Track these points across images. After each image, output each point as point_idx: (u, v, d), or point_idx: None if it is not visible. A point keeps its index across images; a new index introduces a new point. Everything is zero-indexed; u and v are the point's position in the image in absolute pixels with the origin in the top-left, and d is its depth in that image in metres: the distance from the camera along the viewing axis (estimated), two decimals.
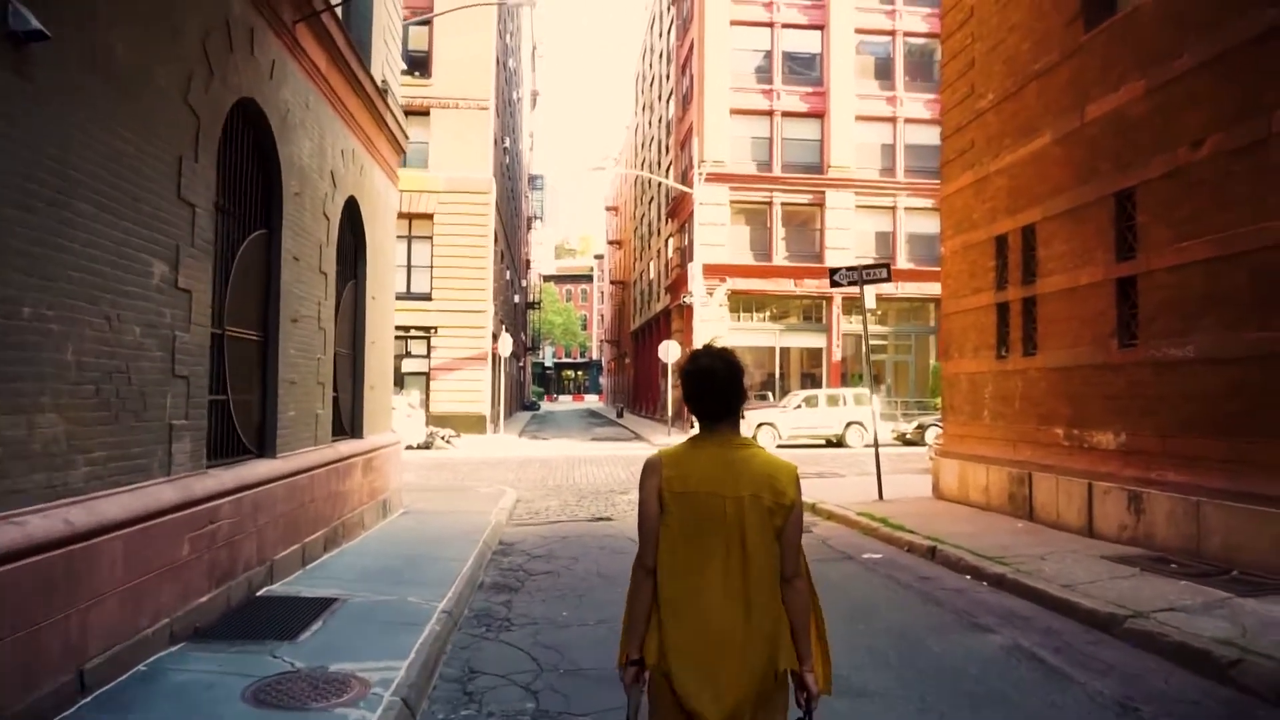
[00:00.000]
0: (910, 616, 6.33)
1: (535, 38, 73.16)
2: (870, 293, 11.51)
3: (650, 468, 2.54)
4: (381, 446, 9.98)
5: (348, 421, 9.26)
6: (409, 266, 29.76)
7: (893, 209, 32.69)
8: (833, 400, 25.84)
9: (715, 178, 30.56)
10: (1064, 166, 9.33)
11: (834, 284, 12.21)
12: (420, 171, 29.45)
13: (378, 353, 10.12)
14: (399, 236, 30.12)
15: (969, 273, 11.36)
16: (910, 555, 8.67)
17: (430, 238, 29.58)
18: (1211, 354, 7.24)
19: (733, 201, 31.88)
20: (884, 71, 33.34)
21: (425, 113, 29.79)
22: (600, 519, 11.42)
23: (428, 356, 29.35)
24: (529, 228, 67.84)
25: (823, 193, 32.12)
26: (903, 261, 32.30)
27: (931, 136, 33.62)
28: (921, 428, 25.22)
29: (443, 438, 25.62)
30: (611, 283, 71.60)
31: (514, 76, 47.14)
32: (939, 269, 12.59)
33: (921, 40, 33.43)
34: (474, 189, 29.68)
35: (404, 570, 7.40)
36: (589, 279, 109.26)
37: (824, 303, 32.21)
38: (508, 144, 39.57)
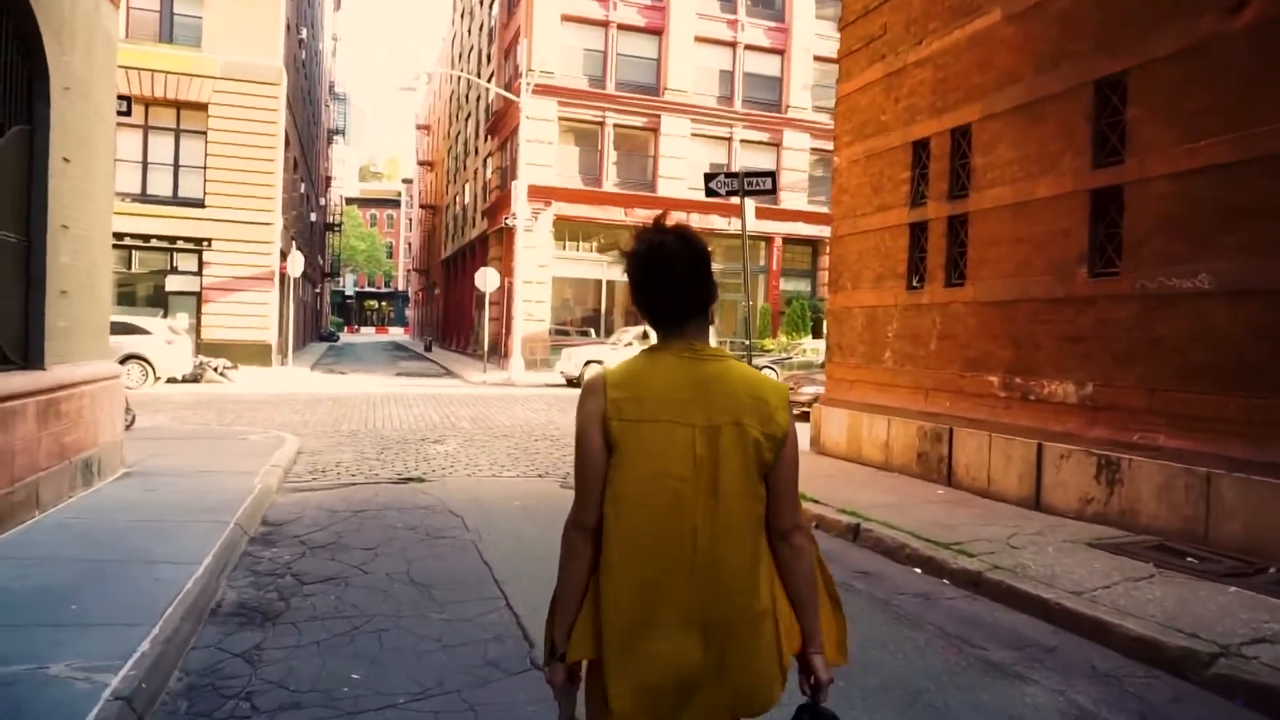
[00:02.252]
0: (884, 652, 4.26)
1: None
2: (751, 206, 9.33)
3: (590, 389, 1.80)
4: (80, 382, 6.75)
5: (11, 344, 6.01)
6: (175, 166, 24.84)
7: (729, 140, 31.05)
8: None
9: (543, 90, 27.53)
10: (1018, 51, 7.52)
11: (710, 192, 10.01)
12: (191, 51, 24.41)
13: (77, 244, 6.81)
14: (162, 128, 25.15)
15: (872, 187, 9.48)
16: (825, 536, 6.71)
17: (204, 133, 24.70)
18: (1234, 285, 5.64)
19: (561, 119, 29.01)
20: None
21: None
22: (409, 479, 8.75)
23: (199, 274, 24.72)
24: (329, 141, 61.41)
25: (658, 117, 29.92)
26: (735, 197, 30.86)
27: (772, 67, 32.32)
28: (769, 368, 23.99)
29: (216, 369, 21.54)
30: (421, 207, 66.51)
31: None
32: (772, 206, 10.59)
33: None
34: (260, 78, 24.97)
35: (76, 591, 4.42)
36: (396, 204, 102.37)
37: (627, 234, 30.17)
38: (304, 35, 34.34)
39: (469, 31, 45.54)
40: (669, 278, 1.75)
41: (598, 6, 29.42)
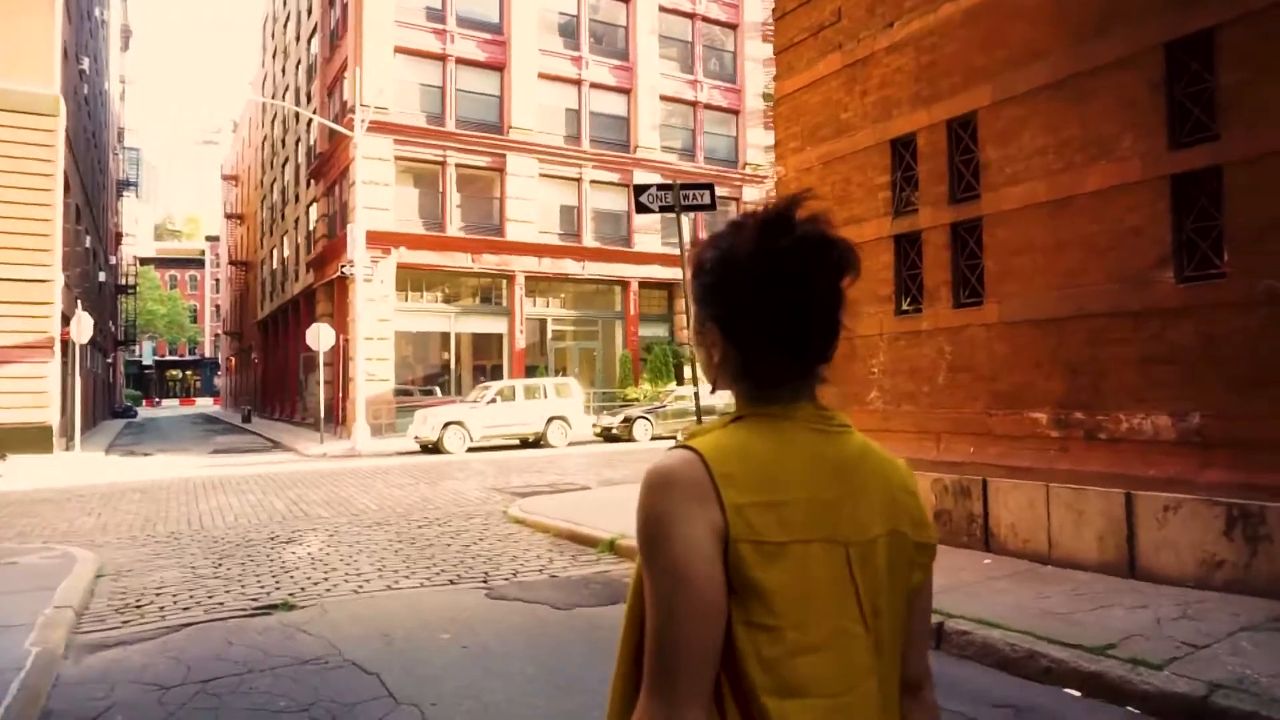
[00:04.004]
0: None
1: None
2: (687, 223, 7.58)
3: (684, 488, 1.02)
4: None
5: None
6: None
7: (578, 181, 29.56)
8: (531, 392, 21.85)
9: (378, 127, 24.97)
10: (1044, 22, 6.24)
11: (640, 208, 8.16)
12: None
13: None
14: None
15: (835, 198, 7.96)
16: None
17: None
18: None
19: (399, 158, 26.52)
20: (568, 30, 30.08)
21: None
22: (272, 607, 6.22)
23: None
24: (119, 194, 55.07)
25: (503, 156, 28.03)
26: (588, 239, 29.42)
27: (619, 106, 31.24)
28: (629, 421, 22.24)
29: None
30: (232, 264, 60.79)
31: None
32: (626, 249, 8.99)
33: (608, 1, 30.70)
34: (30, 108, 20.97)
35: None
36: (199, 264, 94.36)
37: (505, 282, 28.16)
38: (85, 66, 29.95)
39: (282, 71, 41.98)
40: (809, 298, 1.06)
41: (434, 39, 27.33)
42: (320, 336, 23.58)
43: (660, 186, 8.22)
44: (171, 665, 4.95)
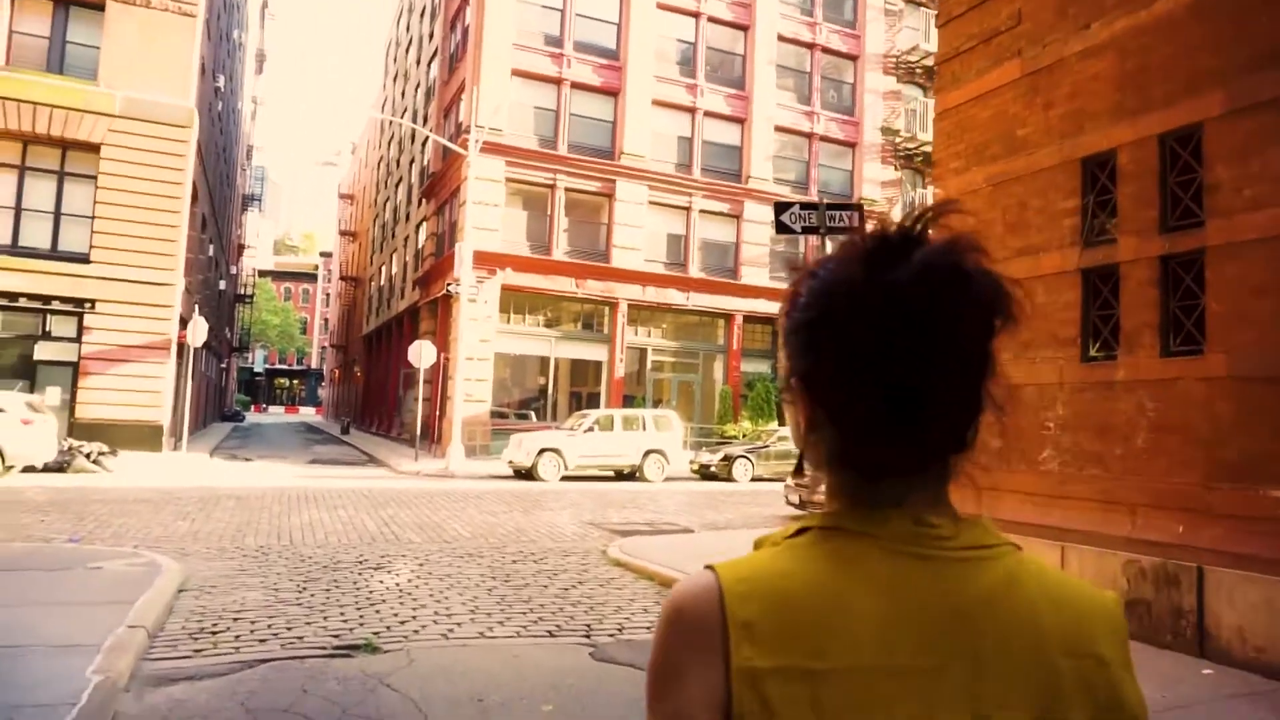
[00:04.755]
0: None
1: None
2: (828, 245, 6.61)
3: (688, 629, 0.75)
4: None
5: None
6: (56, 214, 21.15)
7: (687, 210, 28.96)
8: (630, 423, 21.11)
9: (491, 148, 24.95)
10: None
11: (781, 228, 7.33)
12: (84, 84, 21.10)
13: None
14: (43, 169, 21.25)
15: (1007, 224, 6.97)
16: None
17: (94, 177, 21.17)
18: None
19: (510, 180, 26.48)
20: (685, 56, 29.70)
21: (99, 6, 21.53)
22: (354, 647, 5.56)
23: (78, 340, 20.80)
24: (244, 207, 57.66)
25: (613, 181, 27.69)
26: (694, 270, 28.71)
27: (732, 136, 30.55)
28: (729, 460, 21.22)
29: (89, 455, 17.65)
30: (343, 279, 62.71)
31: (235, 9, 38.43)
32: (732, 281, 8.02)
33: (726, 29, 30.23)
34: (166, 119, 21.72)
35: None
36: (313, 278, 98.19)
37: (607, 309, 27.67)
38: (220, 84, 31.22)
39: (402, 94, 43.16)
40: (931, 353, 0.74)
41: (550, 63, 27.33)
42: (422, 353, 23.49)
43: (804, 205, 7.37)
44: (238, 715, 4.29)
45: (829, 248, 7.45)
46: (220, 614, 6.32)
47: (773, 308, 28.95)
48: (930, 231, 0.77)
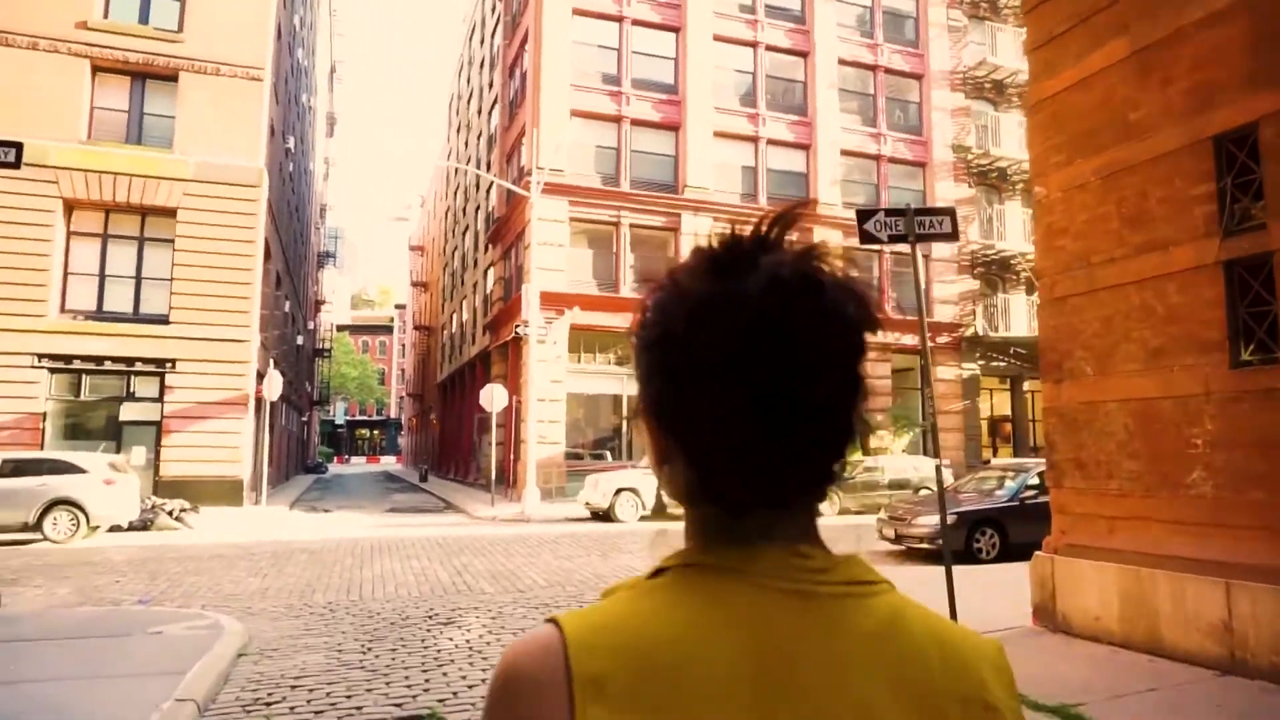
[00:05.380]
0: None
1: (335, 58, 65.81)
2: (919, 254, 5.96)
3: (525, 693, 0.64)
4: None
5: None
6: (138, 278, 21.75)
7: None
8: None
9: (554, 189, 24.88)
10: None
11: (866, 238, 6.68)
12: (160, 152, 21.78)
13: None
14: (124, 236, 21.90)
15: (1123, 218, 6.19)
16: None
17: (171, 240, 21.74)
18: None
19: (573, 219, 26.37)
20: (745, 86, 29.35)
21: (173, 77, 22.30)
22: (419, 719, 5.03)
23: (160, 400, 21.21)
24: (320, 265, 59.32)
25: (678, 215, 27.33)
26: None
27: (797, 162, 30.00)
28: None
29: (171, 513, 17.80)
30: (416, 328, 63.85)
31: (304, 74, 39.76)
32: None
33: (785, 57, 29.81)
34: (237, 180, 22.25)
35: None
36: (389, 330, 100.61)
37: None
38: (290, 145, 32.13)
39: (465, 144, 43.95)
40: (783, 376, 0.66)
41: (609, 101, 27.28)
42: (494, 397, 23.29)
43: (889, 212, 6.70)
44: None
45: (919, 257, 6.78)
46: (278, 681, 5.87)
47: (900, 339, 28.01)
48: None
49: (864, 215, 6.69)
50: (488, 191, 34.93)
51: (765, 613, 0.64)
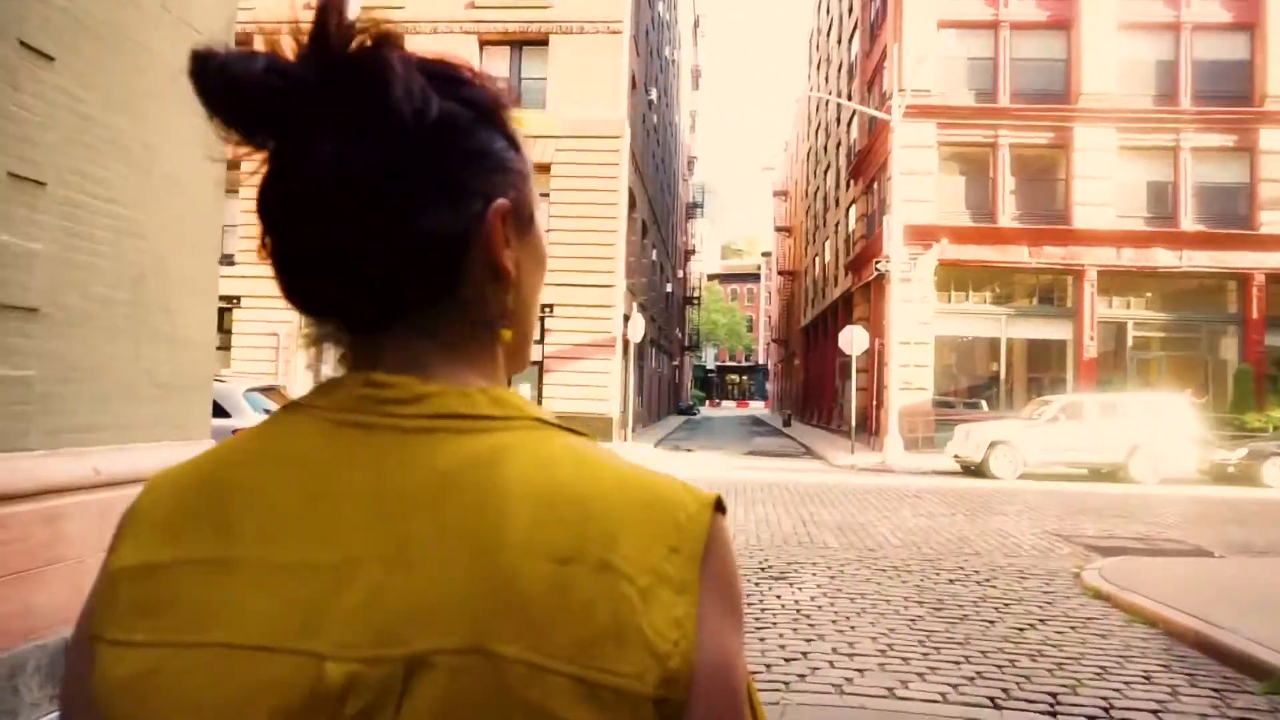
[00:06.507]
0: None
1: (698, 11, 67.05)
2: None
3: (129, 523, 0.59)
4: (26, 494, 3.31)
5: None
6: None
7: (1173, 150, 23.42)
8: (1109, 410, 17.25)
9: (920, 111, 22.57)
10: None
11: None
12: (537, 112, 23.40)
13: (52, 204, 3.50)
14: None
15: None
16: None
17: (547, 194, 23.40)
18: None
19: (942, 144, 23.85)
20: None
21: (543, 41, 23.80)
22: None
23: (540, 342, 23.11)
24: (688, 215, 61.49)
25: (1069, 129, 23.48)
26: (1186, 223, 23.08)
27: (1235, 48, 24.02)
28: (1256, 456, 16.27)
29: None
30: (780, 274, 63.93)
31: (666, 28, 40.73)
32: (1246, 232, 4.58)
33: None
34: (600, 131, 23.24)
35: None
36: (755, 278, 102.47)
37: (1070, 279, 23.50)
38: (653, 97, 33.03)
39: (825, 79, 42.27)
40: (286, 173, 0.55)
41: (982, 5, 24.09)
42: (853, 340, 22.01)
43: None
44: None
45: None
46: None
47: None
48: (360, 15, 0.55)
49: None
50: (848, 124, 33.14)
51: (323, 449, 0.55)
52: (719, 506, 0.56)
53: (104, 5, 3.71)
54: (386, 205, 0.54)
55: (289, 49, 0.53)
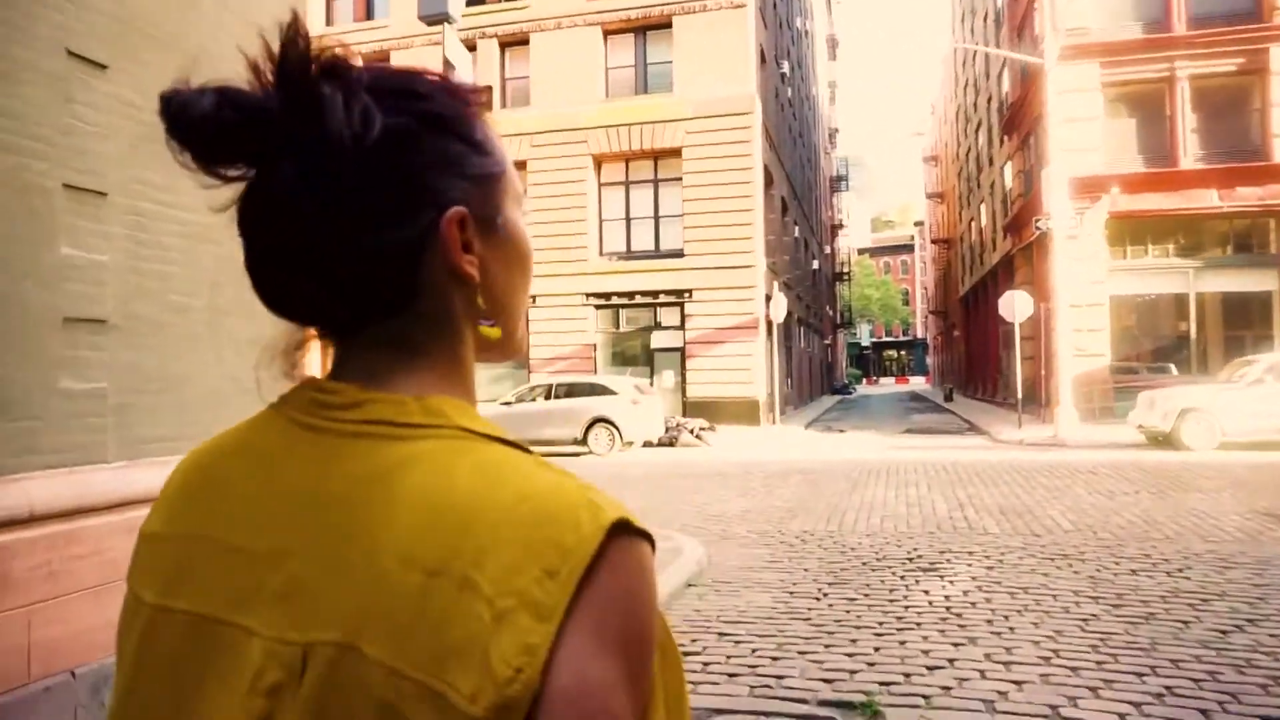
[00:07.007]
0: None
1: None
2: None
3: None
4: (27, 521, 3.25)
5: None
6: (656, 218, 23.58)
7: None
8: None
9: (1078, 51, 20.62)
10: None
11: None
12: (663, 96, 23.14)
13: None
14: (641, 181, 23.89)
15: None
16: None
17: (679, 178, 23.06)
18: None
19: (1106, 84, 21.65)
20: None
21: (666, 24, 23.40)
22: (836, 707, 3.79)
23: (681, 328, 22.85)
24: (833, 189, 59.49)
25: (1263, 51, 20.73)
26: None
27: None
28: None
29: (692, 431, 18.98)
30: (934, 242, 60.80)
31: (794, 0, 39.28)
32: None
33: None
34: (729, 110, 22.61)
35: None
36: (909, 249, 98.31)
37: (1271, 222, 20.81)
38: (785, 69, 31.90)
39: (970, 32, 39.55)
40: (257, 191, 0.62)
41: None
42: (1015, 306, 20.44)
43: None
44: None
45: None
46: (709, 625, 5.12)
47: None
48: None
49: None
50: (998, 76, 30.85)
51: (275, 443, 0.63)
52: (625, 529, 0.53)
53: (158, 8, 3.63)
54: (344, 220, 0.58)
55: (250, 81, 0.57)
